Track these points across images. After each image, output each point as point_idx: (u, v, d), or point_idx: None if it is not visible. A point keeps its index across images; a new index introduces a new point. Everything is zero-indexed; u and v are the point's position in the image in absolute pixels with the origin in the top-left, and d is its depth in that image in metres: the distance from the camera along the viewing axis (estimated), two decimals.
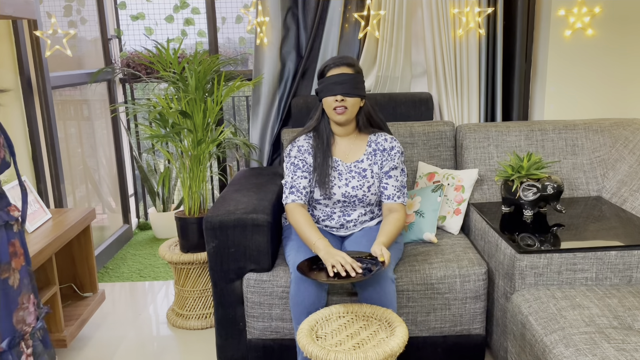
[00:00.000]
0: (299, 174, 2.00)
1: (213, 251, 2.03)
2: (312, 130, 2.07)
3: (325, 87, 1.94)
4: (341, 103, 1.92)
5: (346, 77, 1.91)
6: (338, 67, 1.94)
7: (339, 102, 1.92)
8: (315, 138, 2.05)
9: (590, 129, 2.51)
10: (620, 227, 1.99)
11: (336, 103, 1.93)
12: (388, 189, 2.02)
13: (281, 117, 2.87)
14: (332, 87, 1.92)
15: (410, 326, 2.03)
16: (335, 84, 1.92)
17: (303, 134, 2.08)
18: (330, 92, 1.93)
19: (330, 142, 2.05)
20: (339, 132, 2.05)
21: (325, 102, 1.96)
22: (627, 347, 1.40)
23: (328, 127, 2.05)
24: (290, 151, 2.06)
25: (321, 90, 1.96)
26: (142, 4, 3.67)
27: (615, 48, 2.75)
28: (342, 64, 1.94)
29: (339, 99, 1.92)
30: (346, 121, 1.99)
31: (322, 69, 1.98)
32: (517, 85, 2.81)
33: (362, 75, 1.99)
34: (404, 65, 2.82)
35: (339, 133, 2.05)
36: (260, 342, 2.09)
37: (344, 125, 2.02)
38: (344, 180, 2.01)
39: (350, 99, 1.93)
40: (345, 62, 1.95)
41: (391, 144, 2.04)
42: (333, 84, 1.92)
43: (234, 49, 3.89)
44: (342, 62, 1.95)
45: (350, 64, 1.95)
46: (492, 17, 2.72)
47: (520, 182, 2.12)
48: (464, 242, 2.21)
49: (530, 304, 1.71)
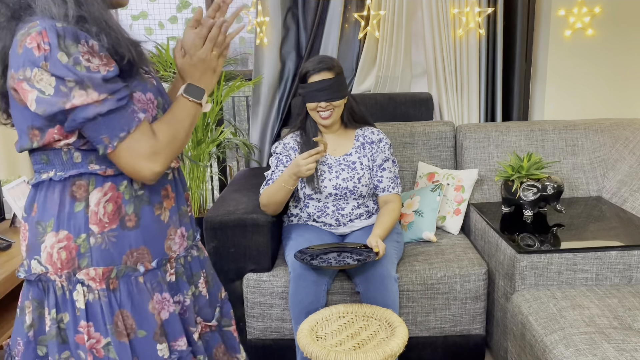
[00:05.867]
0: (281, 168, 2.05)
1: (213, 251, 2.03)
2: (299, 128, 2.12)
3: (308, 94, 1.98)
4: (325, 108, 1.98)
5: (328, 83, 1.95)
6: (318, 74, 1.97)
7: (323, 108, 1.98)
8: (302, 135, 2.10)
9: (590, 129, 2.51)
10: (620, 227, 1.99)
11: (320, 108, 1.99)
12: (383, 182, 2.07)
13: (281, 117, 2.87)
14: (315, 94, 1.96)
15: (410, 326, 2.03)
16: (317, 90, 1.96)
17: (291, 132, 2.13)
18: (314, 99, 1.98)
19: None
20: (325, 129, 2.10)
21: (309, 107, 2.01)
22: (627, 347, 1.40)
23: (314, 125, 2.09)
24: (276, 148, 2.11)
25: (304, 96, 2.00)
26: (143, 4, 3.67)
27: (615, 48, 2.75)
28: (322, 69, 1.96)
29: (323, 105, 1.97)
30: (332, 123, 2.04)
31: (303, 73, 2.01)
32: (517, 85, 2.81)
33: (342, 75, 2.02)
34: (404, 65, 2.82)
35: (325, 130, 2.10)
36: (260, 342, 2.09)
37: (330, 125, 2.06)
38: (334, 172, 2.04)
39: (334, 102, 1.98)
40: (325, 67, 1.97)
41: (379, 136, 2.10)
42: (316, 91, 1.96)
43: (234, 49, 3.88)
44: (321, 67, 1.97)
45: (329, 68, 1.97)
46: (492, 17, 2.72)
47: (520, 182, 2.12)
48: (464, 242, 2.21)
49: (530, 304, 1.70)
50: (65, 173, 1.09)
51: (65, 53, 0.97)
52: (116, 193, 1.12)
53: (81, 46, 0.99)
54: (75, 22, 1.00)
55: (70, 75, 0.97)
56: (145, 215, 1.15)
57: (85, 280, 1.10)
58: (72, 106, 0.99)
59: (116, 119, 1.03)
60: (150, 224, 1.16)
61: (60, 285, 1.10)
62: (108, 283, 1.11)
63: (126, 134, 1.04)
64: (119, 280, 1.12)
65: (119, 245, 1.11)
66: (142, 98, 1.12)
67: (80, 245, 1.09)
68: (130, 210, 1.13)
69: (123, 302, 1.12)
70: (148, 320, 1.14)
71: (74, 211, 1.09)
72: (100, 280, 1.10)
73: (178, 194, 1.25)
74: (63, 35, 0.98)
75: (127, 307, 1.12)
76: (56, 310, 1.11)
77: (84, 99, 0.99)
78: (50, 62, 0.97)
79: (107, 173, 1.10)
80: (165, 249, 1.19)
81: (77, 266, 1.09)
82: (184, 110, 1.13)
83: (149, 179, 1.09)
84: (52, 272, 1.10)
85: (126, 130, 1.04)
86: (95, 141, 1.04)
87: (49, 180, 1.10)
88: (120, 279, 1.12)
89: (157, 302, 1.17)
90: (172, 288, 1.22)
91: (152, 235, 1.16)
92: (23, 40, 0.98)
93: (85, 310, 1.10)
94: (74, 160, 1.09)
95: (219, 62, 1.16)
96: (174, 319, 1.20)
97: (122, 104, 1.03)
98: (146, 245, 1.15)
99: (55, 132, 1.05)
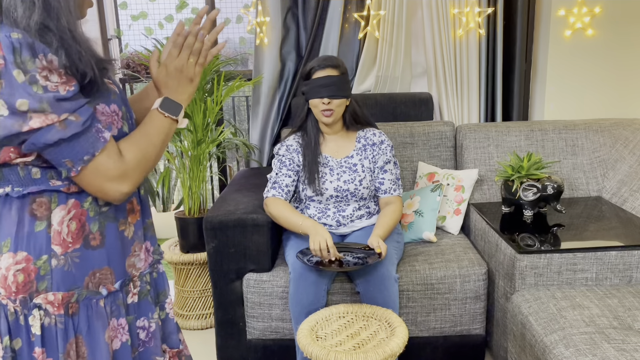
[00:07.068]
0: (284, 171, 2.04)
1: (213, 251, 2.03)
2: (301, 129, 2.11)
3: (311, 90, 1.97)
4: (328, 105, 1.97)
5: (332, 80, 1.94)
6: (323, 70, 1.96)
7: (325, 105, 1.97)
8: (303, 137, 2.09)
9: (590, 129, 2.51)
10: (620, 227, 1.99)
11: (323, 105, 1.97)
12: (385, 184, 2.06)
13: (281, 117, 2.87)
14: (319, 90, 1.95)
15: (410, 326, 2.03)
16: (321, 86, 1.95)
17: (292, 134, 2.12)
18: (317, 95, 1.96)
19: (319, 140, 2.08)
20: (327, 130, 2.09)
21: (312, 104, 2.00)
22: (627, 347, 1.40)
23: (316, 126, 2.08)
24: (279, 150, 2.10)
25: (308, 92, 1.99)
26: (143, 4, 3.67)
27: (615, 48, 2.75)
28: (327, 66, 1.96)
29: (326, 101, 1.96)
30: (333, 122, 2.04)
31: (307, 70, 2.00)
32: (517, 85, 2.81)
33: (347, 75, 2.02)
34: (404, 65, 2.82)
35: (327, 131, 2.09)
36: (260, 342, 2.09)
37: (331, 125, 2.05)
38: (336, 175, 2.04)
39: (336, 101, 1.97)
40: (330, 64, 1.97)
41: (380, 138, 2.09)
42: (319, 87, 1.95)
43: (234, 49, 3.88)
44: (327, 64, 1.97)
45: (335, 66, 1.97)
46: (492, 17, 2.72)
47: (520, 182, 2.12)
48: (464, 242, 2.21)
49: (530, 304, 1.70)
50: (24, 189, 1.00)
51: (22, 71, 0.89)
52: (80, 210, 1.04)
53: (38, 61, 0.90)
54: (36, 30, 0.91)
55: (24, 96, 0.89)
56: (110, 233, 1.08)
57: (42, 305, 1.02)
58: (29, 129, 0.91)
59: (80, 143, 0.95)
60: (114, 242, 1.09)
61: (12, 310, 1.01)
62: (67, 308, 1.04)
63: (91, 157, 0.97)
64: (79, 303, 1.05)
65: (81, 266, 1.04)
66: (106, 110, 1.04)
67: (40, 267, 1.01)
68: (95, 228, 1.06)
69: (80, 328, 1.05)
70: (101, 350, 1.07)
71: (34, 230, 1.01)
72: (59, 306, 1.03)
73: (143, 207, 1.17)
74: (19, 49, 0.89)
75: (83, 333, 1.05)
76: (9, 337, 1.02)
77: (43, 120, 0.91)
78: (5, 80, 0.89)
79: (70, 190, 1.02)
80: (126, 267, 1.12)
81: (34, 290, 1.01)
82: (157, 127, 1.06)
83: (117, 200, 1.03)
84: (5, 296, 1.01)
85: (91, 153, 0.97)
86: (57, 164, 0.97)
87: (4, 195, 1.01)
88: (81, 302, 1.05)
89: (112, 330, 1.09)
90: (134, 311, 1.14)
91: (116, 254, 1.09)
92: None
93: (40, 336, 1.02)
94: (32, 176, 1.00)
95: (196, 71, 1.10)
96: (124, 350, 1.12)
97: (87, 126, 0.96)
98: (110, 265, 1.08)
99: (12, 151, 0.97)
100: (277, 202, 1.98)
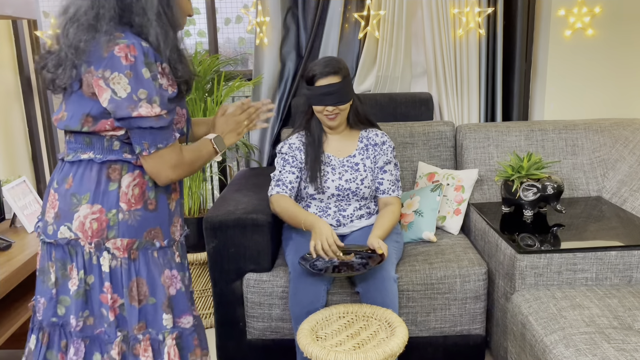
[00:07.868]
0: (287, 168, 2.05)
1: (213, 251, 2.03)
2: (304, 128, 2.11)
3: (314, 97, 1.97)
4: (332, 112, 1.98)
5: (335, 87, 1.94)
6: (325, 78, 1.95)
7: (329, 112, 1.98)
8: (307, 136, 2.09)
9: (590, 129, 2.51)
10: (620, 227, 1.99)
11: (327, 112, 1.98)
12: (384, 184, 2.06)
13: (281, 117, 2.87)
14: (322, 98, 1.96)
15: (410, 326, 2.03)
16: (324, 94, 1.95)
17: (295, 132, 2.13)
18: (320, 103, 1.97)
19: (322, 139, 2.09)
20: (331, 130, 2.09)
21: (316, 109, 2.01)
22: (627, 347, 1.40)
23: (319, 125, 2.09)
24: (281, 148, 2.10)
25: (310, 98, 1.99)
26: None
27: (615, 48, 2.75)
28: (329, 73, 1.95)
29: (330, 109, 1.97)
30: (338, 125, 2.05)
31: (310, 75, 1.98)
32: (517, 85, 2.81)
33: (349, 77, 2.01)
34: (404, 65, 2.82)
35: (331, 131, 2.09)
36: (260, 342, 2.09)
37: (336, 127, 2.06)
38: (338, 174, 2.04)
39: (341, 106, 1.98)
40: (332, 70, 1.95)
41: (382, 139, 2.09)
42: (322, 95, 1.95)
43: (234, 49, 3.88)
44: (328, 71, 1.95)
45: (337, 72, 1.96)
46: (492, 17, 2.72)
47: (520, 182, 2.12)
48: (464, 242, 2.21)
49: (530, 304, 1.71)
50: (104, 157, 1.29)
51: (148, 69, 1.19)
52: (142, 180, 1.33)
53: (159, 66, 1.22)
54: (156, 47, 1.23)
55: (147, 88, 1.19)
56: (161, 202, 1.37)
57: (111, 249, 1.29)
58: (138, 115, 1.20)
59: (161, 133, 1.25)
60: (164, 209, 1.38)
61: (88, 251, 1.29)
62: (130, 253, 1.31)
63: (163, 146, 1.27)
64: (139, 251, 1.32)
65: (141, 222, 1.32)
66: (180, 112, 1.36)
67: (110, 219, 1.29)
68: (152, 195, 1.34)
69: (140, 271, 1.32)
70: (159, 290, 1.34)
71: (109, 189, 1.29)
72: (124, 250, 1.30)
73: (181, 189, 1.47)
74: (147, 54, 1.20)
75: (143, 275, 1.32)
76: (84, 272, 1.30)
77: (149, 111, 1.20)
78: (133, 72, 1.18)
79: (137, 163, 1.31)
80: (170, 233, 1.40)
81: (105, 236, 1.29)
82: (206, 150, 1.40)
83: (162, 183, 1.32)
84: (83, 239, 1.29)
85: (164, 143, 1.27)
86: (136, 143, 1.25)
87: (88, 160, 1.29)
88: (140, 250, 1.32)
89: (167, 278, 1.36)
90: (180, 268, 1.42)
91: (165, 219, 1.38)
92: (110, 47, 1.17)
93: (109, 274, 1.30)
94: (113, 147, 1.29)
95: (243, 130, 1.50)
96: (180, 296, 1.39)
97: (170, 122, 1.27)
98: (160, 226, 1.36)
99: (108, 124, 1.25)
100: (281, 199, 1.99)
